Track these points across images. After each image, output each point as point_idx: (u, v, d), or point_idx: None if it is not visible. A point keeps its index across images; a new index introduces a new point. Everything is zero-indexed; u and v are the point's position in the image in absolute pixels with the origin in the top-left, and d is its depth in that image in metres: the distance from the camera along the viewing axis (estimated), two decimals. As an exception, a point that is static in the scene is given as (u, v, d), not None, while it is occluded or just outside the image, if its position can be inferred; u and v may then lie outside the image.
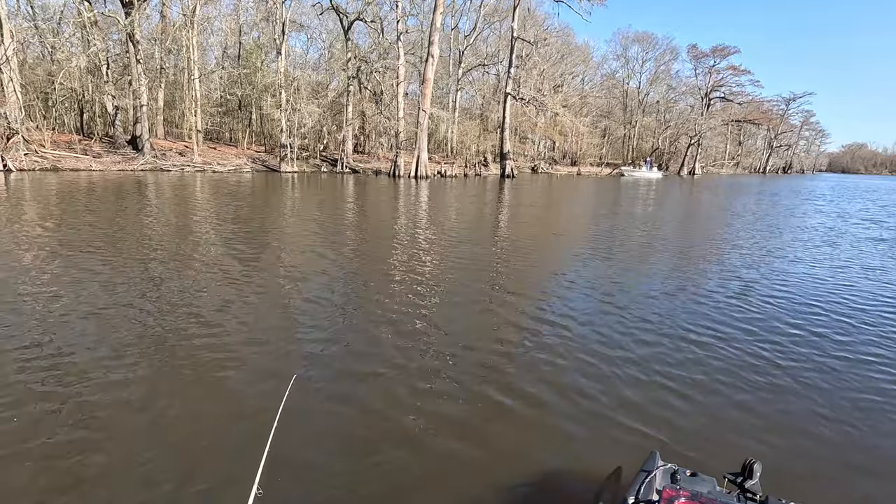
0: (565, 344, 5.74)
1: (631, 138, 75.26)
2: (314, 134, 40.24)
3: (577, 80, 68.76)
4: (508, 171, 42.70)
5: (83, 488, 3.08)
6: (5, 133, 25.45)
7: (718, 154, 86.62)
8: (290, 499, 3.06)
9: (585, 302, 7.45)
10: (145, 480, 3.16)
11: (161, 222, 12.88)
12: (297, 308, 6.62)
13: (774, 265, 10.67)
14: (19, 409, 3.89)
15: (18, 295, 6.55)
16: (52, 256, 8.66)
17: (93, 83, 32.83)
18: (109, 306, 6.29)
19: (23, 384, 4.28)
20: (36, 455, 3.36)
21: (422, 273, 8.78)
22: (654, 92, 75.01)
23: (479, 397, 4.45)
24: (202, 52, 38.70)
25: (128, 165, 29.58)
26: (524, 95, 45.70)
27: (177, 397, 4.20)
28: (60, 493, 3.04)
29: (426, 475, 3.39)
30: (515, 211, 20.30)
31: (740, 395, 4.63)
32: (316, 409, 4.11)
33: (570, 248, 12.26)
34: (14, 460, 3.31)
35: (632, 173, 58.99)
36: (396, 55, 36.75)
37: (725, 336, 6.15)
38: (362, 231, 13.62)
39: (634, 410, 4.28)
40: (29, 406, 3.95)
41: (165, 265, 8.47)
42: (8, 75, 25.98)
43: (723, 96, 75.36)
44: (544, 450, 3.71)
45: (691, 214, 22.42)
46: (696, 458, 3.55)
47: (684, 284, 8.72)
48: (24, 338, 5.21)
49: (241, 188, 23.41)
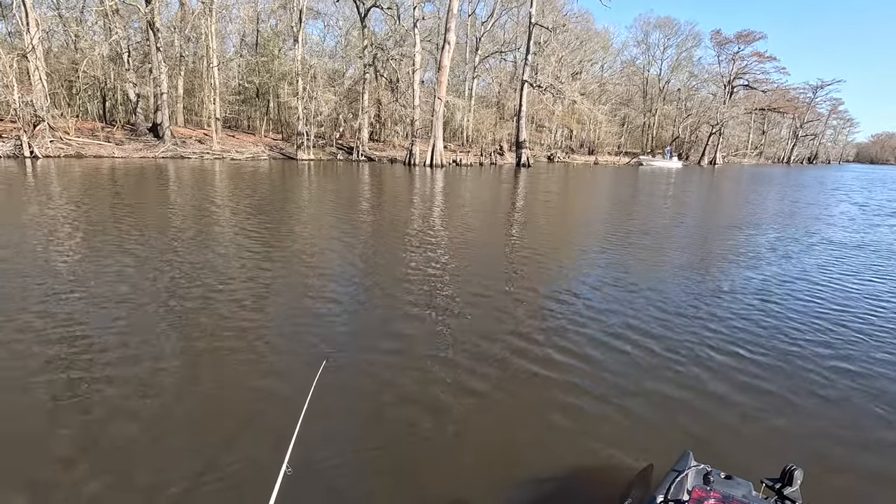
0: (594, 334, 5.69)
1: (650, 127, 73.81)
2: (330, 122, 40.37)
3: (595, 68, 67.51)
4: (524, 159, 42.33)
5: (116, 459, 3.25)
6: (32, 120, 26.08)
7: (741, 143, 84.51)
8: (318, 478, 3.14)
9: (612, 294, 7.38)
10: (178, 455, 3.31)
11: (185, 208, 13.16)
12: (320, 292, 6.76)
13: (820, 261, 10.49)
14: (52, 374, 4.10)
15: (50, 273, 6.82)
16: (80, 235, 8.95)
17: (114, 71, 33.37)
18: (139, 291, 6.51)
19: (57, 356, 4.49)
20: (69, 421, 3.55)
21: (440, 260, 8.86)
22: (676, 79, 73.32)
23: (505, 387, 4.46)
24: (220, 40, 38.98)
25: (149, 153, 30.12)
26: (541, 83, 45.08)
27: (208, 378, 4.35)
28: (100, 467, 3.21)
29: (451, 463, 3.42)
30: (531, 201, 20.19)
31: (787, 397, 4.42)
32: (345, 391, 4.21)
33: (589, 239, 12.20)
34: (47, 423, 3.50)
35: (650, 163, 57.97)
36: (413, 42, 36.51)
37: (772, 334, 5.92)
38: (380, 219, 13.72)
39: (668, 407, 4.17)
40: (58, 376, 4.15)
41: (191, 248, 8.68)
42: (34, 64, 26.54)
43: (747, 84, 73.23)
44: (573, 443, 3.66)
45: (716, 206, 22.04)
46: (732, 461, 3.37)
47: (722, 280, 8.63)
48: (57, 317, 5.44)
49: (259, 176, 23.71)
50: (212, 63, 35.09)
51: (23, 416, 3.66)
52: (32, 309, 5.63)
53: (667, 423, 3.94)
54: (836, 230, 14.45)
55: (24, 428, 3.53)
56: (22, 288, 6.30)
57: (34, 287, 6.35)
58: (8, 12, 31.68)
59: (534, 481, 3.24)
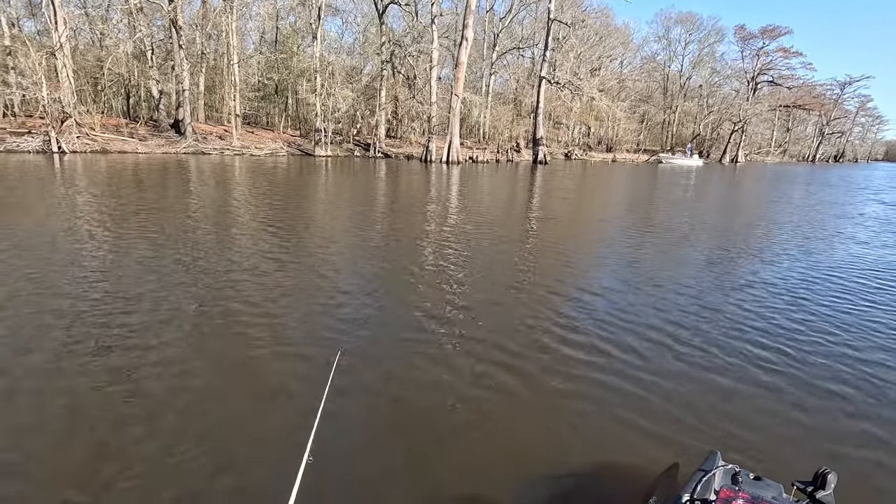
0: (617, 329, 5.64)
1: (670, 124, 72.62)
2: (348, 118, 40.62)
3: (615, 64, 66.64)
4: (541, 156, 42.04)
5: (135, 449, 3.34)
6: (60, 117, 26.77)
7: (764, 141, 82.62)
8: (339, 466, 3.19)
9: (634, 290, 7.30)
10: (200, 445, 3.37)
11: (209, 202, 13.40)
12: (337, 285, 6.82)
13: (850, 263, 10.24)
14: (76, 361, 4.23)
15: (76, 262, 7.02)
16: (106, 228, 9.19)
17: (138, 68, 34.06)
18: (166, 277, 6.67)
19: (81, 343, 4.63)
20: (91, 412, 3.67)
21: (457, 254, 8.86)
22: (697, 75, 72.02)
23: (526, 380, 4.44)
24: (241, 38, 39.48)
25: (171, 148, 30.71)
26: (559, 79, 44.67)
27: (230, 369, 4.43)
28: (122, 447, 3.31)
29: (468, 456, 3.41)
30: (547, 198, 20.06)
31: (820, 398, 4.30)
32: (362, 381, 4.26)
33: (607, 236, 12.08)
34: (72, 408, 3.62)
35: (670, 160, 57.03)
36: (430, 39, 36.48)
37: (808, 331, 5.80)
38: (396, 215, 13.78)
39: (696, 406, 4.08)
40: (82, 364, 4.28)
41: (211, 242, 8.85)
42: (62, 61, 27.23)
43: (771, 80, 71.54)
44: (595, 438, 3.63)
45: (739, 205, 21.61)
46: (762, 463, 3.34)
47: (750, 277, 8.49)
48: (92, 301, 5.60)
49: (278, 172, 23.99)
50: (232, 60, 35.58)
51: (67, 392, 3.79)
52: (74, 293, 5.81)
53: (693, 422, 3.87)
54: (861, 230, 14.06)
55: (72, 400, 3.66)
56: (66, 274, 6.51)
57: (75, 271, 6.55)
58: (37, 11, 32.58)
59: (554, 477, 3.23)
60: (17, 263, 7.08)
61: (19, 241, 8.30)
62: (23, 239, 8.47)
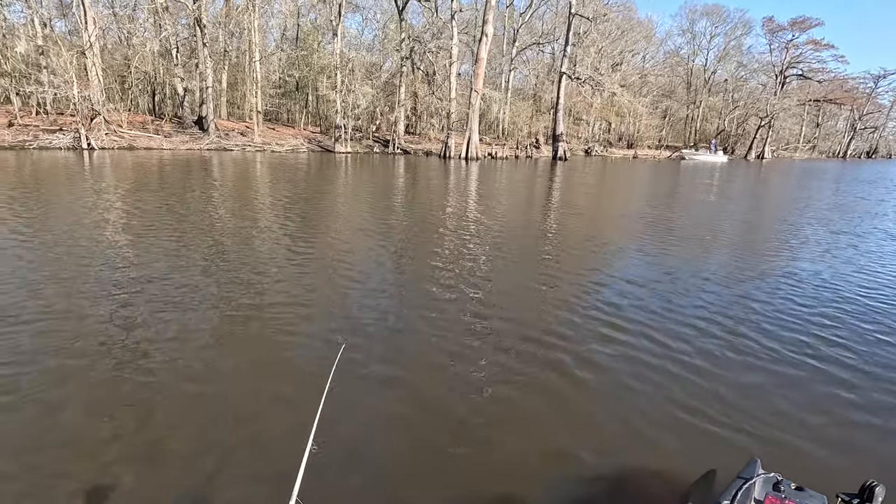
0: (649, 328, 5.51)
1: (694, 119, 71.06)
2: (367, 115, 40.81)
3: (637, 58, 65.40)
4: (561, 153, 41.59)
5: (145, 433, 3.41)
6: (89, 114, 27.52)
7: (792, 137, 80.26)
8: (342, 455, 3.21)
9: (663, 290, 7.15)
10: (207, 432, 3.42)
11: (227, 197, 13.63)
12: (348, 279, 6.86)
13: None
14: (96, 344, 4.34)
15: (106, 251, 7.22)
16: (135, 218, 9.43)
17: (163, 66, 34.78)
18: (177, 273, 6.80)
19: (104, 328, 4.76)
20: (105, 397, 3.76)
21: (472, 253, 8.83)
22: (723, 69, 70.23)
23: (555, 375, 4.36)
24: (263, 35, 39.96)
25: (195, 145, 31.30)
26: (580, 75, 44.09)
27: (237, 359, 4.49)
28: (133, 437, 3.38)
29: (497, 450, 3.37)
30: (567, 195, 19.84)
31: (869, 405, 4.13)
32: (364, 374, 4.27)
33: (631, 234, 11.88)
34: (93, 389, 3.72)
35: (693, 157, 55.84)
36: (450, 35, 36.37)
37: (851, 335, 5.58)
38: (413, 211, 13.80)
39: (735, 411, 3.92)
40: (100, 347, 4.39)
41: (229, 234, 8.99)
42: (91, 60, 27.97)
43: (800, 73, 69.30)
44: (629, 440, 3.53)
45: (766, 203, 21.04)
46: (803, 473, 3.14)
47: (787, 278, 8.27)
48: (105, 292, 5.76)
49: (298, 167, 24.26)
50: (254, 57, 36.06)
51: (86, 372, 3.91)
52: (108, 278, 5.98)
53: (731, 428, 3.71)
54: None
55: (92, 377, 3.77)
56: (96, 261, 6.70)
57: (108, 256, 6.75)
58: (67, 11, 33.50)
59: (583, 477, 3.15)
60: (53, 252, 7.32)
61: (56, 231, 8.57)
62: (58, 228, 8.74)
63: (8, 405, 3.63)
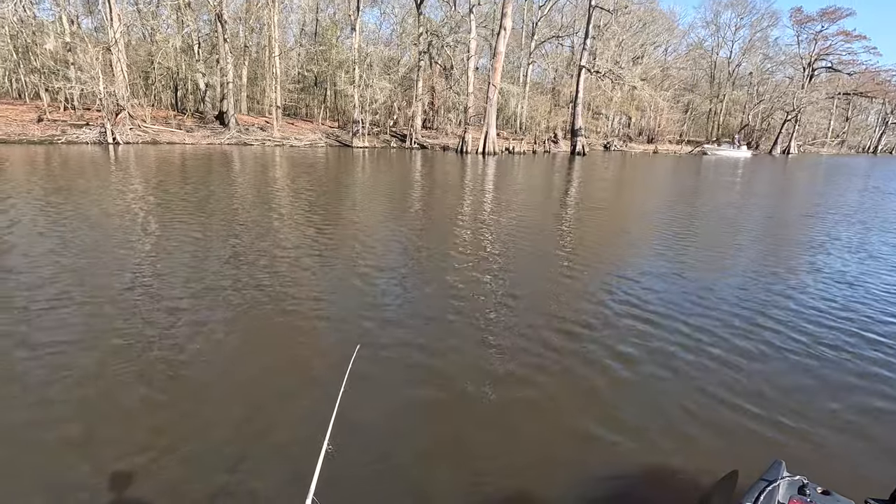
0: (671, 325, 5.41)
1: (717, 114, 69.47)
2: (385, 110, 40.92)
3: (659, 51, 64.14)
4: (579, 148, 41.11)
5: (165, 433, 3.48)
6: (115, 109, 28.17)
7: (819, 131, 77.85)
8: (357, 455, 3.19)
9: (687, 288, 7.03)
10: (222, 432, 3.42)
11: (248, 192, 13.84)
12: (366, 276, 6.91)
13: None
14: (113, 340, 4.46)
15: (128, 242, 7.41)
16: (162, 209, 9.65)
17: (185, 62, 35.36)
18: (200, 263, 6.94)
19: (125, 322, 4.89)
20: (128, 393, 3.86)
21: (488, 250, 8.81)
22: (748, 62, 68.36)
23: (575, 371, 4.32)
24: (282, 30, 40.31)
25: (216, 139, 31.80)
26: (600, 68, 43.43)
27: (254, 357, 4.49)
28: (148, 423, 3.47)
29: (515, 446, 3.34)
30: (587, 190, 19.63)
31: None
32: (380, 374, 4.25)
33: (652, 232, 11.71)
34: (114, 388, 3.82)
35: (716, 152, 54.59)
36: (468, 28, 36.16)
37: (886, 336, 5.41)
38: (429, 206, 13.82)
39: (761, 410, 3.85)
40: (120, 341, 4.51)
41: (248, 230, 9.13)
42: (116, 56, 28.60)
43: (830, 66, 67.09)
44: (649, 438, 3.47)
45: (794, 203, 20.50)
46: (831, 477, 3.05)
47: (815, 277, 8.09)
48: (128, 281, 5.91)
49: (316, 162, 24.47)
50: (273, 52, 36.39)
51: (109, 359, 4.03)
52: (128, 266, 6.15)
53: (756, 428, 3.63)
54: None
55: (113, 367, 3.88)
56: (122, 249, 6.89)
57: (134, 244, 6.93)
58: (94, 8, 34.27)
59: (600, 478, 3.11)
60: (87, 240, 7.53)
61: (89, 221, 8.82)
62: (89, 219, 8.99)
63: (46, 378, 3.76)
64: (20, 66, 30.08)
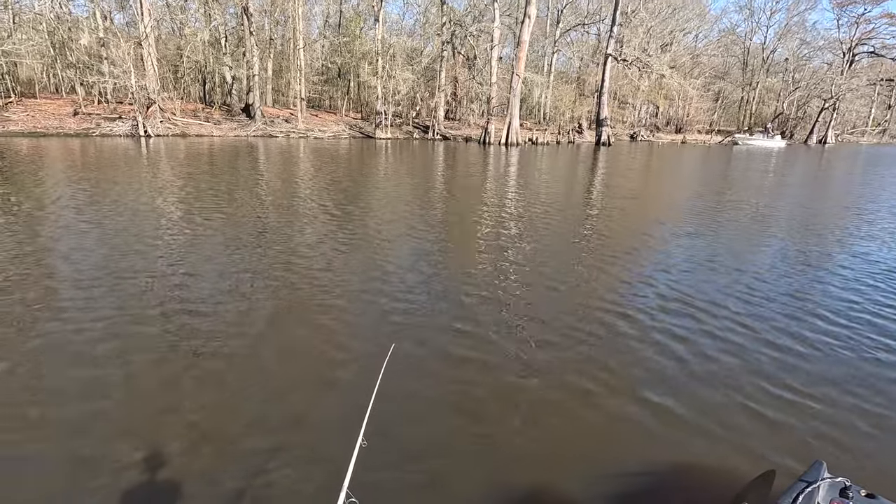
0: (707, 319, 5.31)
1: (749, 102, 67.12)
2: (407, 101, 40.89)
3: (689, 38, 62.17)
4: (605, 138, 40.34)
5: (202, 424, 3.56)
6: (146, 103, 28.91)
7: (859, 120, 74.43)
8: (391, 451, 3.21)
9: (722, 282, 6.86)
10: (259, 426, 3.47)
11: (281, 183, 14.08)
12: (394, 270, 6.95)
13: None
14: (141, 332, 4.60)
15: (157, 231, 7.64)
16: (192, 199, 9.91)
17: (213, 55, 35.98)
18: (230, 254, 7.10)
19: (160, 315, 5.04)
20: (161, 384, 3.99)
21: (513, 245, 8.75)
22: (783, 48, 65.71)
23: (607, 368, 4.27)
24: (306, 23, 40.56)
25: (242, 132, 32.36)
26: (627, 56, 42.37)
27: (289, 352, 4.54)
28: (182, 411, 3.58)
29: (546, 443, 3.33)
30: (611, 181, 19.28)
31: None
32: (415, 369, 4.28)
33: (683, 227, 11.45)
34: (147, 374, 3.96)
35: (747, 142, 52.72)
36: (492, 17, 35.72)
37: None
38: (455, 196, 13.79)
39: (803, 408, 3.76)
40: (154, 336, 4.65)
41: (277, 223, 9.30)
42: (147, 50, 29.27)
43: (872, 51, 63.88)
44: (683, 436, 3.42)
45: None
46: (876, 479, 2.98)
47: (856, 273, 7.82)
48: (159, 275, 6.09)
49: (340, 153, 24.67)
50: (298, 45, 36.67)
51: (137, 353, 4.17)
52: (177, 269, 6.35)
53: (797, 425, 3.54)
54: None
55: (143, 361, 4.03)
56: (153, 238, 7.12)
57: (164, 234, 7.16)
58: (125, 3, 35.08)
59: (634, 473, 3.09)
60: (125, 228, 7.80)
61: (127, 211, 9.13)
62: (128, 208, 9.31)
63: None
64: (57, 61, 31.10)
